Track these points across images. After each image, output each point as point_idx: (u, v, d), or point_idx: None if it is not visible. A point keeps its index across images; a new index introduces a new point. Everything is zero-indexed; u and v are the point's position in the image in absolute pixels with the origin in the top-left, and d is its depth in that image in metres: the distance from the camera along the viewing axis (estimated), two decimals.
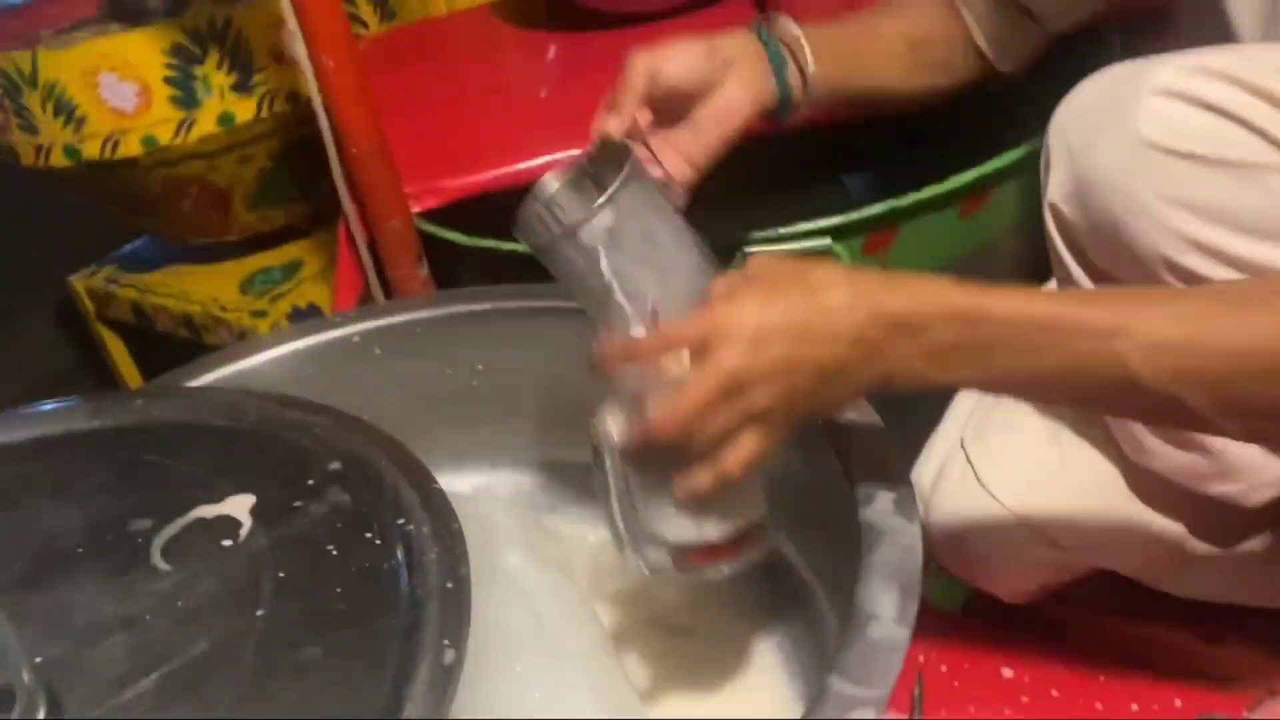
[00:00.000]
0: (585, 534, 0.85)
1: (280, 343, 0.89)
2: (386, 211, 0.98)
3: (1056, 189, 0.66)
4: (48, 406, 0.76)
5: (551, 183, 0.67)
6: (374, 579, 0.58)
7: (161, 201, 1.41)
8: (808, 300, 0.56)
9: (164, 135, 1.27)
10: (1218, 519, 0.80)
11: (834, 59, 0.79)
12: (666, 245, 0.62)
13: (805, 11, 1.14)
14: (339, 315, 0.91)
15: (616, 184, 0.60)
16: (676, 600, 0.77)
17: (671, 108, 0.74)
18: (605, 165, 0.65)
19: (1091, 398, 0.58)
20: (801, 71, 0.78)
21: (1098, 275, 0.67)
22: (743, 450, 0.58)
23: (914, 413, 0.85)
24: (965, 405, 0.84)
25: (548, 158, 1.03)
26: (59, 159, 1.31)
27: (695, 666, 0.72)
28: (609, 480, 0.64)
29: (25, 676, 0.51)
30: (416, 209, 1.01)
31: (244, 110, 1.27)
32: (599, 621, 0.72)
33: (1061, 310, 0.54)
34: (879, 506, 0.60)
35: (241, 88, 1.27)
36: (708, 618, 0.77)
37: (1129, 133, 0.61)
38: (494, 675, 0.62)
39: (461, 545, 0.59)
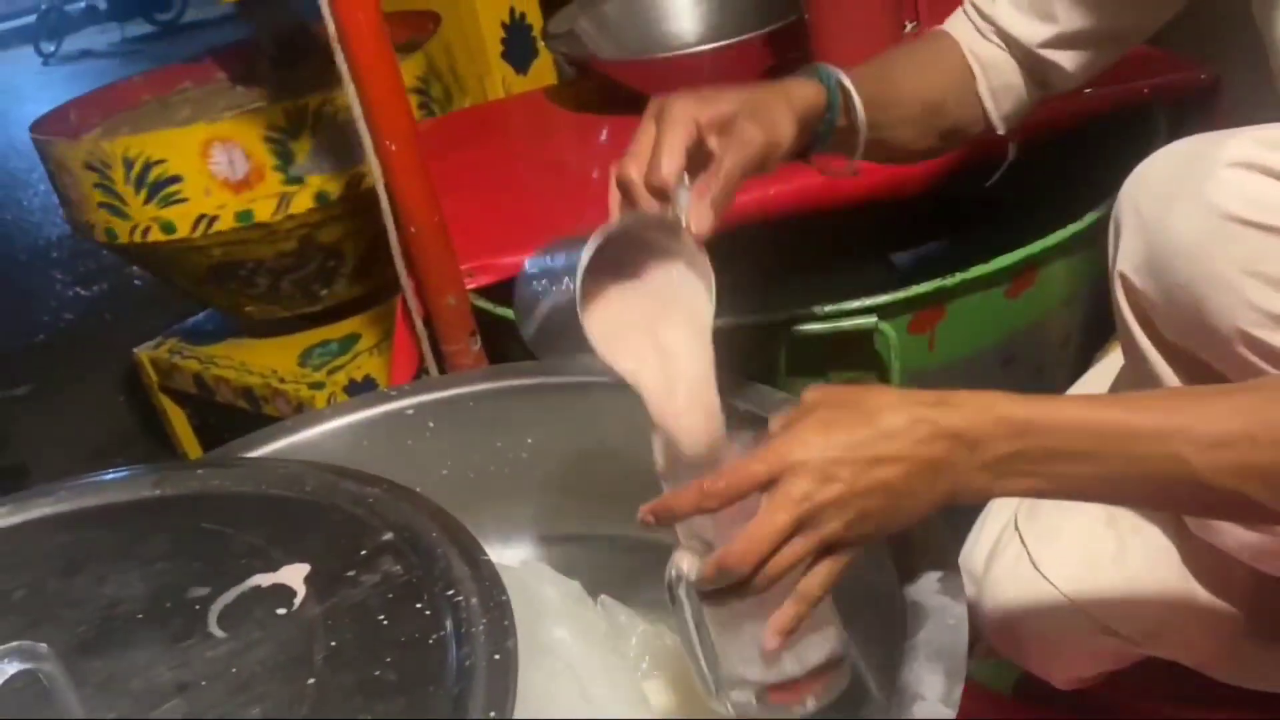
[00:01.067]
0: (634, 612, 0.85)
1: (337, 415, 0.91)
2: (442, 288, 1.00)
3: (1127, 259, 0.66)
4: (111, 475, 0.78)
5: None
6: (423, 649, 0.58)
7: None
8: (868, 425, 0.57)
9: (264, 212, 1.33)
10: (1277, 604, 0.78)
11: (866, 107, 0.79)
12: None
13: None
14: (394, 389, 0.93)
15: None
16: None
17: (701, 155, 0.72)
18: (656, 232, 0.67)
19: (1155, 499, 0.59)
20: (846, 104, 0.78)
21: (1166, 347, 0.66)
22: (821, 576, 0.59)
23: None
24: None
25: None
26: (155, 235, 1.37)
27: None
28: (688, 622, 0.64)
29: None
30: (471, 285, 1.04)
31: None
32: (646, 700, 0.72)
33: (1116, 415, 0.55)
34: (924, 585, 0.60)
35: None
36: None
37: (1205, 203, 0.60)
38: None
39: (509, 617, 0.59)
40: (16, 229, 3.52)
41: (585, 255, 0.63)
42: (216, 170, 1.30)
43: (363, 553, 0.66)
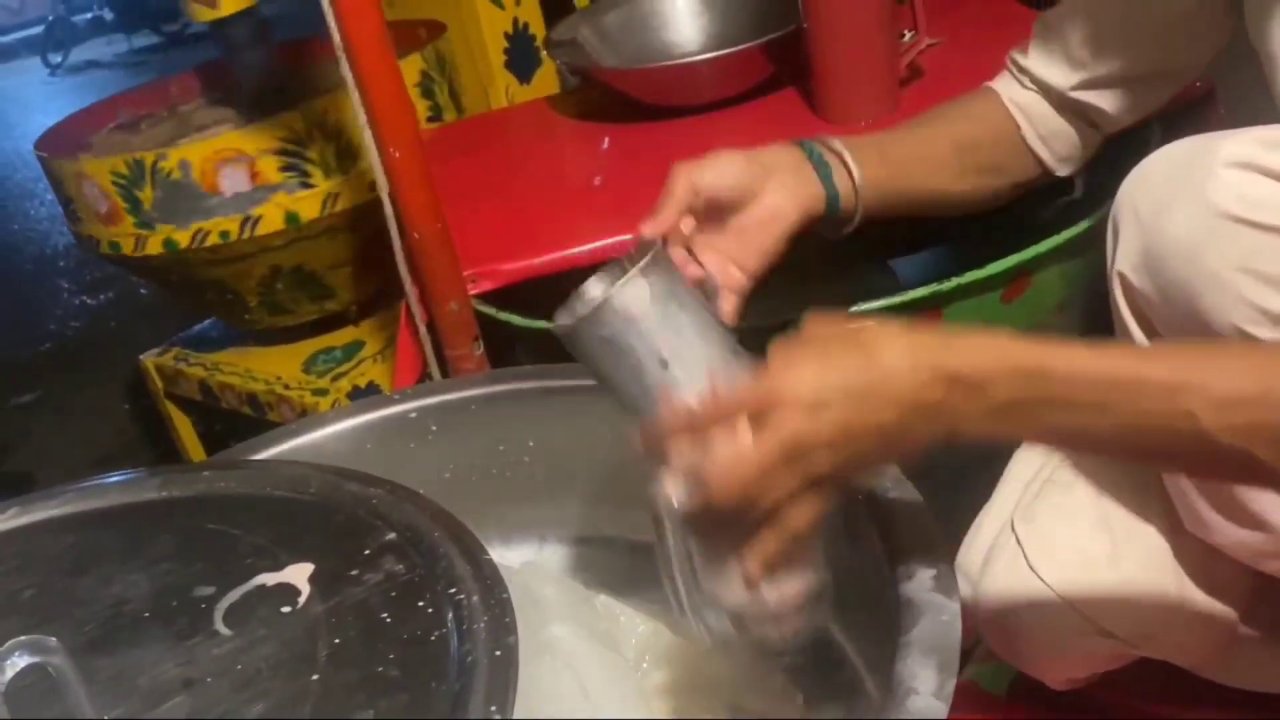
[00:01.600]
0: (634, 613, 0.86)
1: (340, 419, 0.92)
2: (445, 293, 1.02)
3: (1125, 258, 0.66)
4: (117, 478, 0.79)
5: (590, 285, 0.70)
6: (425, 646, 0.59)
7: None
8: (866, 362, 0.55)
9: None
10: (1271, 605, 0.79)
11: (880, 164, 0.82)
12: (688, 333, 0.64)
13: (847, 106, 1.19)
14: (397, 393, 0.94)
15: (637, 268, 0.62)
16: (722, 679, 0.77)
17: (715, 217, 0.76)
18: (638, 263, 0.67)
19: (1158, 453, 0.57)
20: (851, 177, 0.81)
21: None
22: (806, 510, 0.59)
23: (959, 489, 0.85)
24: (1015, 485, 0.85)
25: (601, 243, 1.07)
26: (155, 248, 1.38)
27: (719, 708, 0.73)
28: (669, 548, 0.64)
29: None
30: (474, 291, 1.05)
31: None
32: (644, 696, 0.73)
33: (1127, 365, 0.54)
34: (918, 583, 0.61)
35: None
36: (752, 696, 0.78)
37: (1202, 202, 0.61)
38: None
39: (510, 614, 0.60)
40: (24, 238, 3.54)
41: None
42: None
43: (366, 552, 0.67)
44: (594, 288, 0.68)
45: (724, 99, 1.32)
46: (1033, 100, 0.87)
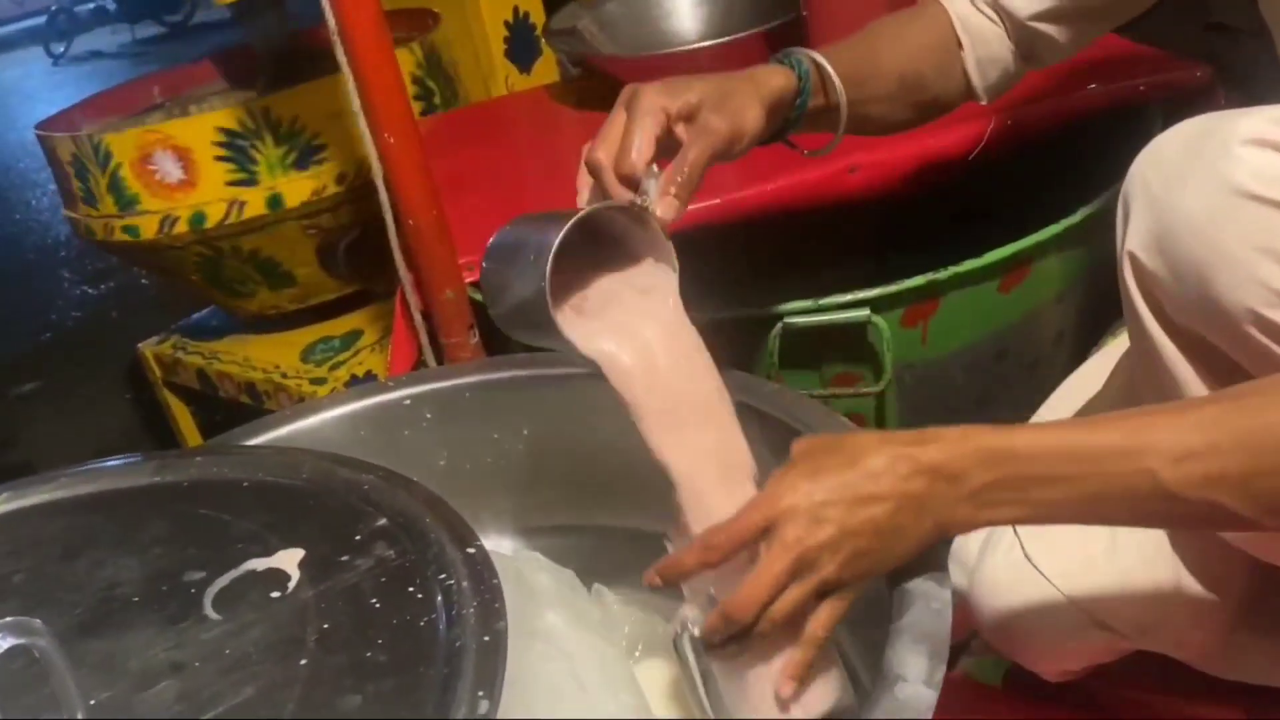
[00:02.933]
0: (627, 602, 0.86)
1: (334, 405, 0.92)
2: (441, 281, 1.01)
3: (1136, 237, 0.65)
4: (110, 463, 0.79)
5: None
6: (414, 631, 0.59)
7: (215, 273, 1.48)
8: (852, 467, 0.59)
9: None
10: (1270, 598, 0.78)
11: (844, 84, 0.80)
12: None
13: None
14: (391, 380, 0.94)
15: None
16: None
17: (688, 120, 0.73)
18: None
19: (1132, 515, 0.60)
20: (823, 84, 0.79)
21: (1174, 330, 0.66)
22: (823, 618, 0.61)
23: None
24: None
25: None
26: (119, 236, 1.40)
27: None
28: (694, 674, 0.66)
29: (79, 718, 0.53)
30: (470, 279, 1.05)
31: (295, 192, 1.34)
32: (637, 683, 0.73)
33: (1085, 437, 0.57)
34: (911, 568, 0.61)
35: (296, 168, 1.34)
36: None
37: (1218, 179, 0.60)
38: None
39: (500, 600, 0.60)
40: (25, 229, 3.54)
41: (555, 240, 0.64)
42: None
43: (357, 538, 0.67)
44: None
45: None
46: (984, 26, 0.86)
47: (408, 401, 0.92)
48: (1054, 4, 0.84)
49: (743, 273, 1.18)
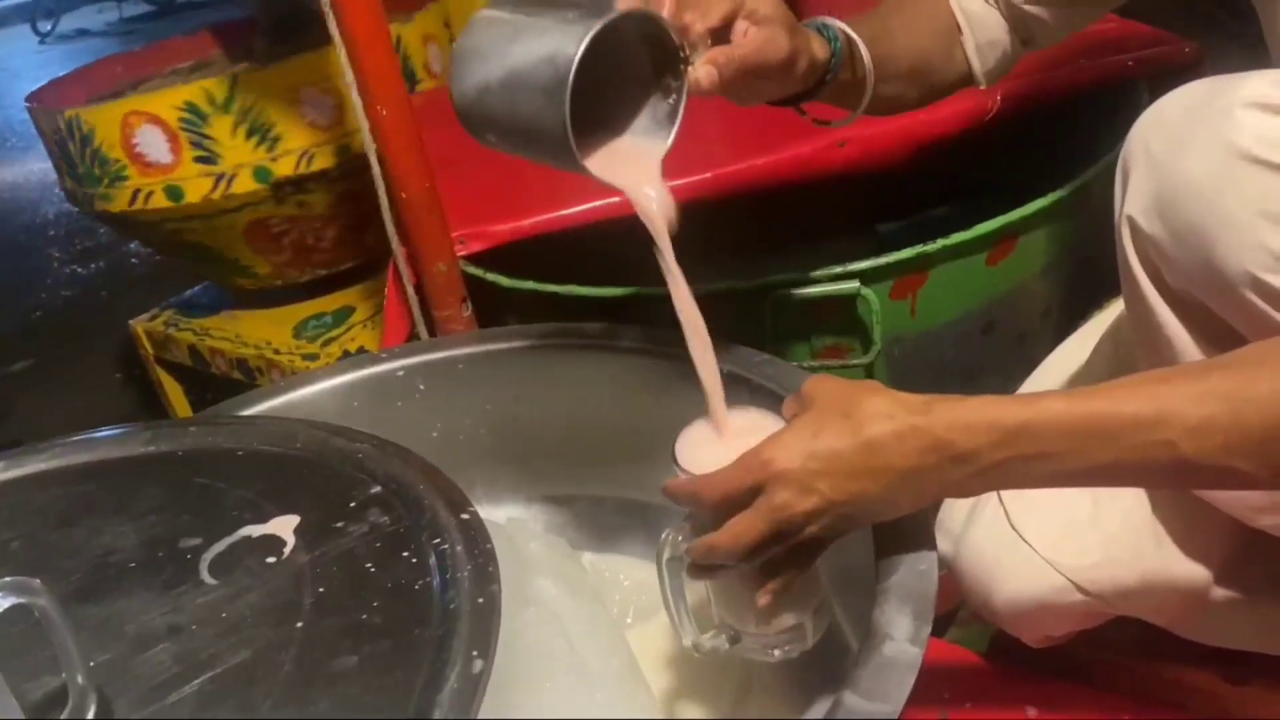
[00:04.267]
0: (617, 569, 0.87)
1: (328, 377, 0.92)
2: (434, 254, 1.02)
3: (1135, 201, 0.65)
4: (105, 433, 0.79)
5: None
6: (409, 595, 0.60)
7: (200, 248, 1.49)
8: (853, 436, 0.58)
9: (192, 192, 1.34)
10: (1254, 565, 0.80)
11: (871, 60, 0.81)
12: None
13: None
14: (384, 351, 0.94)
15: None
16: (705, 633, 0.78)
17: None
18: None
19: (1144, 482, 0.61)
20: (851, 58, 0.80)
21: (1171, 295, 0.66)
22: (801, 561, 0.63)
23: None
24: None
25: (590, 205, 1.07)
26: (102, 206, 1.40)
27: (719, 690, 0.74)
28: (666, 586, 0.68)
29: (79, 679, 0.53)
30: (463, 253, 1.05)
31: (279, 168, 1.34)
32: (629, 647, 0.74)
33: (1102, 409, 0.56)
34: (897, 533, 0.62)
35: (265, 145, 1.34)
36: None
37: (1221, 142, 0.59)
38: (523, 692, 0.64)
39: (493, 564, 0.61)
40: (14, 207, 3.53)
41: (585, 38, 0.60)
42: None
43: (351, 505, 0.68)
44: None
45: None
46: (982, 9, 0.86)
47: (401, 373, 0.93)
48: None
49: (733, 246, 1.19)
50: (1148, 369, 0.65)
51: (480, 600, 0.58)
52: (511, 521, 0.89)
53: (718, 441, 0.69)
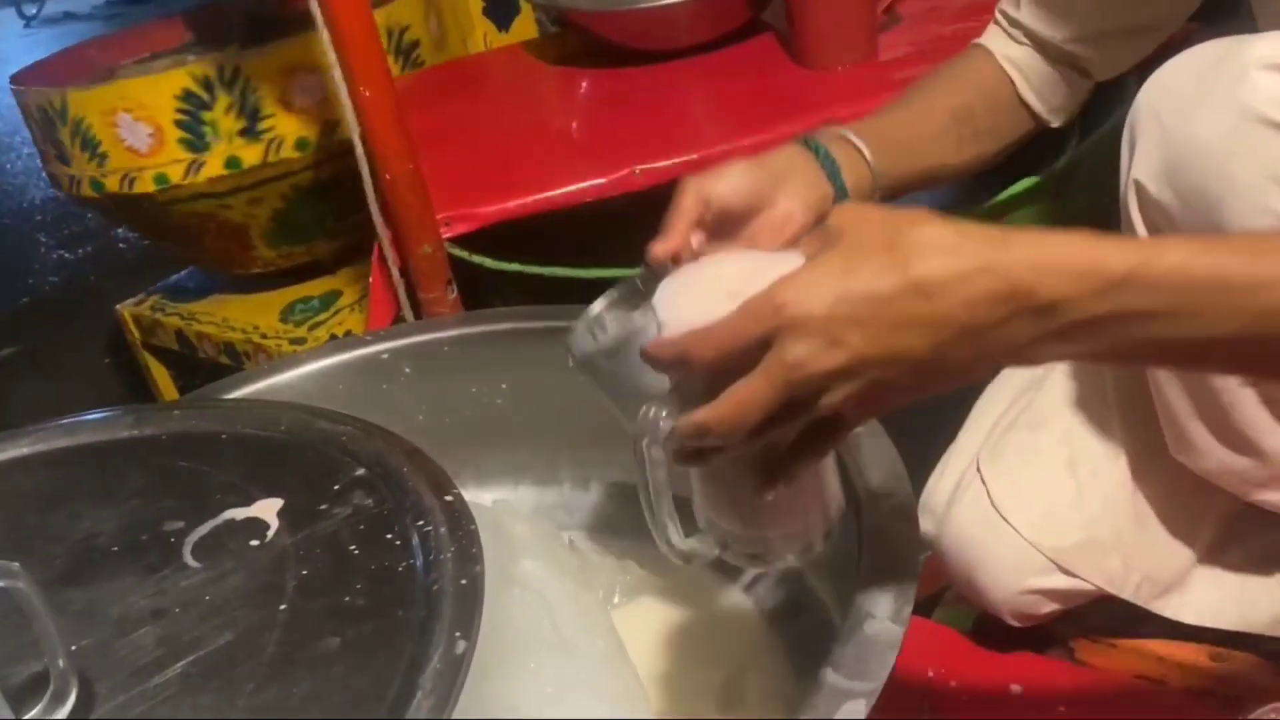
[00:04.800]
0: (604, 550, 0.87)
1: (313, 360, 0.92)
2: (419, 236, 1.01)
3: (1143, 165, 0.62)
4: (89, 416, 0.79)
5: (598, 304, 0.71)
6: (392, 577, 0.60)
7: (184, 234, 1.48)
8: (898, 273, 0.45)
9: (175, 175, 1.33)
10: (1233, 544, 0.80)
11: (885, 150, 0.77)
12: None
13: (825, 51, 1.18)
14: (370, 333, 0.94)
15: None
16: (691, 612, 0.79)
17: (724, 228, 0.68)
18: (652, 286, 0.57)
19: (1239, 357, 0.48)
20: (868, 167, 0.77)
21: None
22: (812, 452, 0.52)
23: (930, 429, 0.86)
24: (982, 424, 0.85)
25: (576, 186, 1.07)
26: (87, 190, 1.39)
27: (705, 671, 0.74)
28: (647, 471, 0.58)
29: (60, 663, 0.53)
30: (448, 235, 1.05)
31: (250, 155, 1.33)
32: (614, 629, 0.74)
33: (1235, 263, 0.44)
34: (882, 512, 0.62)
35: (249, 133, 1.33)
36: (724, 630, 0.79)
37: (1234, 104, 0.56)
38: (508, 672, 0.64)
39: (477, 545, 0.61)
40: (0, 192, 3.50)
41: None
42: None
43: (335, 487, 0.67)
44: (605, 314, 0.70)
45: (701, 43, 1.31)
46: (1025, 55, 0.85)
47: (385, 355, 0.92)
48: (1084, 27, 0.83)
49: None
50: None
51: (463, 582, 0.58)
52: (498, 503, 0.89)
53: (713, 286, 0.53)
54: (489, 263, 1.02)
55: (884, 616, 0.54)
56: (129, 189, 1.35)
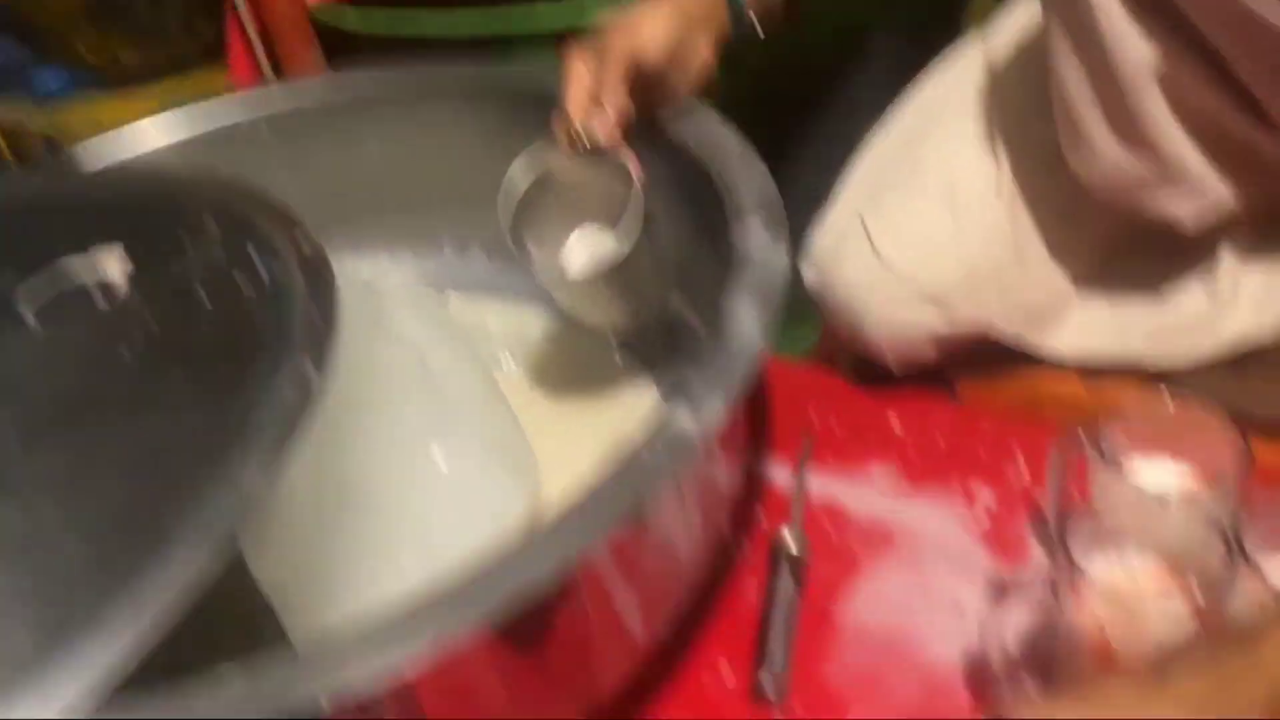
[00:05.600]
0: (484, 311, 0.85)
1: (168, 130, 0.86)
2: None
3: None
4: None
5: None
6: (245, 323, 0.58)
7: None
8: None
9: None
10: (1110, 270, 0.80)
11: None
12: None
13: None
14: (229, 97, 0.88)
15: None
16: (567, 353, 0.78)
17: (647, 82, 0.72)
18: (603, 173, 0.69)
19: None
20: None
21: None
22: None
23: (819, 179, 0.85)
24: (862, 171, 0.84)
25: None
26: None
27: (578, 400, 0.74)
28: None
29: None
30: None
31: None
32: (493, 377, 0.73)
33: None
34: (752, 239, 0.61)
35: None
36: (600, 368, 0.79)
37: None
38: (375, 408, 0.62)
39: (333, 289, 0.58)
40: None
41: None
42: None
43: (185, 237, 0.64)
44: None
45: None
46: None
47: (247, 121, 0.87)
48: None
49: None
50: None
51: (318, 321, 0.56)
52: (373, 270, 0.86)
53: None
54: (354, 24, 0.96)
55: (750, 327, 0.53)
56: None
